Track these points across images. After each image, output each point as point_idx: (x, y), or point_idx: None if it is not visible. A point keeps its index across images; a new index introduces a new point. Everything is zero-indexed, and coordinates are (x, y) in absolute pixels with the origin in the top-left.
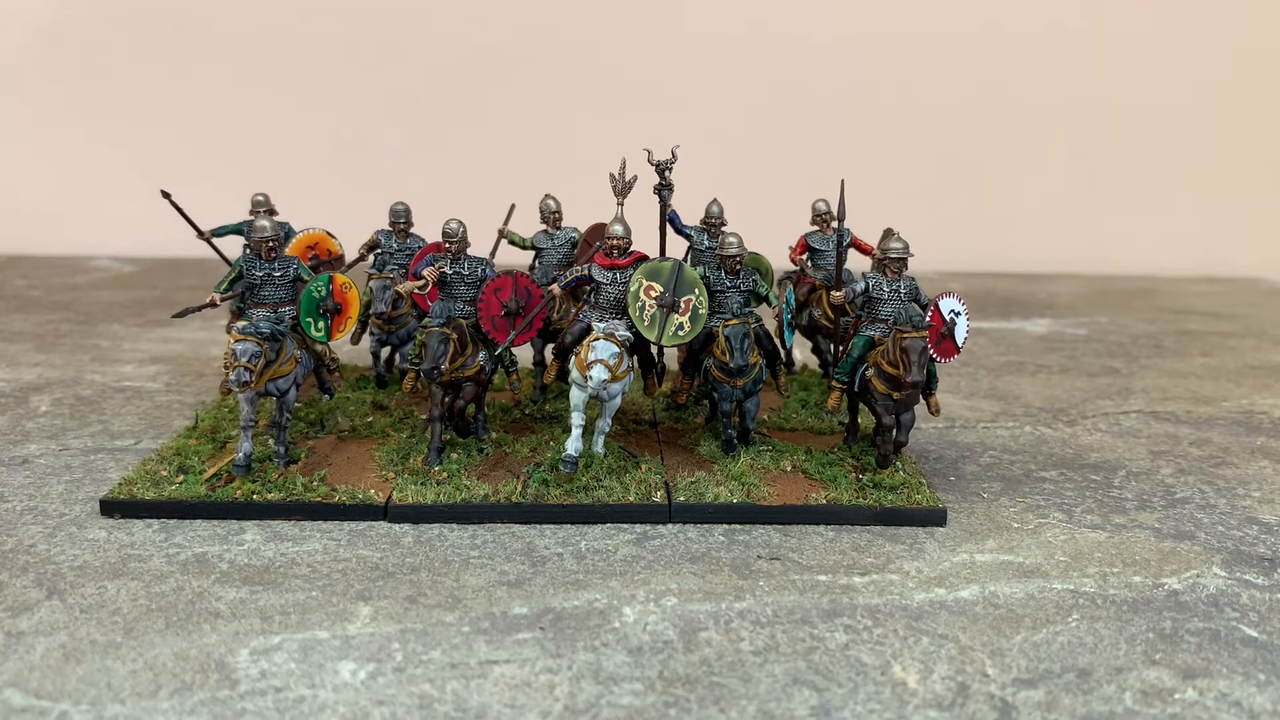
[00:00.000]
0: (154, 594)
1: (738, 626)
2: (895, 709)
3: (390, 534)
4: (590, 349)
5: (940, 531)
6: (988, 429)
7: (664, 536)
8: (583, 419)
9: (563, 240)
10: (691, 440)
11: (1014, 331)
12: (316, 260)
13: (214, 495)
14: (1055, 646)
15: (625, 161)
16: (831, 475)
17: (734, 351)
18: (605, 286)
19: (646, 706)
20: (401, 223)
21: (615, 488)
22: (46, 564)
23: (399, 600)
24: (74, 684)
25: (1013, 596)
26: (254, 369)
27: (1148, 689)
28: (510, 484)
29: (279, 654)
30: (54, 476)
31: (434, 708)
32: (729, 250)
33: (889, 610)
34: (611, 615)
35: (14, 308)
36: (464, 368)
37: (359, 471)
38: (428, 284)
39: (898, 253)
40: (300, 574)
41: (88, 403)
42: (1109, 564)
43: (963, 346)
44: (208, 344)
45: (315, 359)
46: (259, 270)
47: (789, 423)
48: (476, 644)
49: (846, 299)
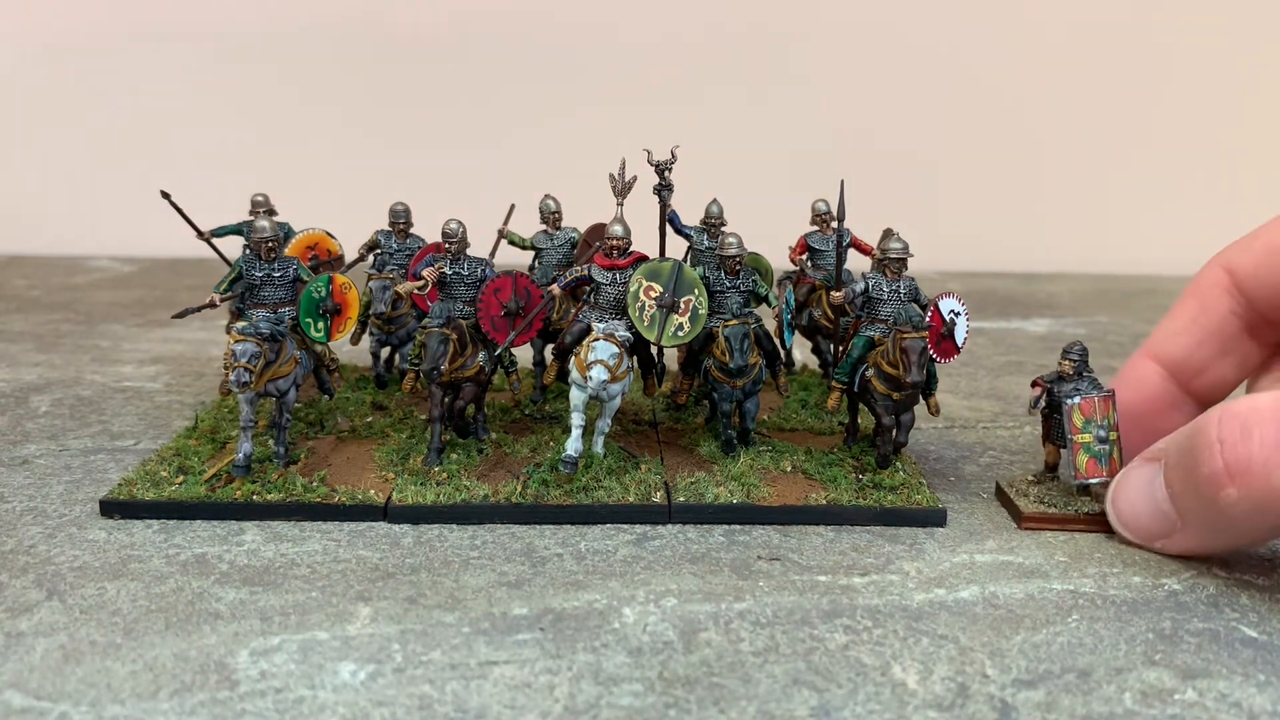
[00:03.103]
0: (154, 595)
1: (738, 627)
2: (895, 709)
3: (390, 534)
4: (590, 349)
5: (940, 532)
6: (988, 429)
7: (664, 537)
8: (583, 419)
9: (562, 240)
10: (691, 440)
11: (1014, 331)
12: (316, 260)
13: (214, 496)
14: (1055, 647)
15: (625, 162)
16: (831, 475)
17: (734, 352)
18: (605, 287)
19: (646, 707)
20: (401, 223)
21: (615, 488)
22: (46, 565)
23: (399, 601)
24: (74, 685)
25: (1012, 597)
26: (254, 369)
27: (1148, 689)
28: (510, 484)
29: (279, 655)
30: (54, 477)
31: (434, 708)
32: (729, 250)
33: (889, 611)
34: (611, 616)
35: (14, 308)
36: (464, 368)
37: (359, 472)
38: (427, 284)
39: (897, 253)
40: (300, 574)
41: (88, 403)
42: (1109, 564)
43: (963, 346)
44: (208, 344)
45: (315, 359)
46: (259, 270)
47: (789, 423)
48: (476, 645)
49: (846, 299)
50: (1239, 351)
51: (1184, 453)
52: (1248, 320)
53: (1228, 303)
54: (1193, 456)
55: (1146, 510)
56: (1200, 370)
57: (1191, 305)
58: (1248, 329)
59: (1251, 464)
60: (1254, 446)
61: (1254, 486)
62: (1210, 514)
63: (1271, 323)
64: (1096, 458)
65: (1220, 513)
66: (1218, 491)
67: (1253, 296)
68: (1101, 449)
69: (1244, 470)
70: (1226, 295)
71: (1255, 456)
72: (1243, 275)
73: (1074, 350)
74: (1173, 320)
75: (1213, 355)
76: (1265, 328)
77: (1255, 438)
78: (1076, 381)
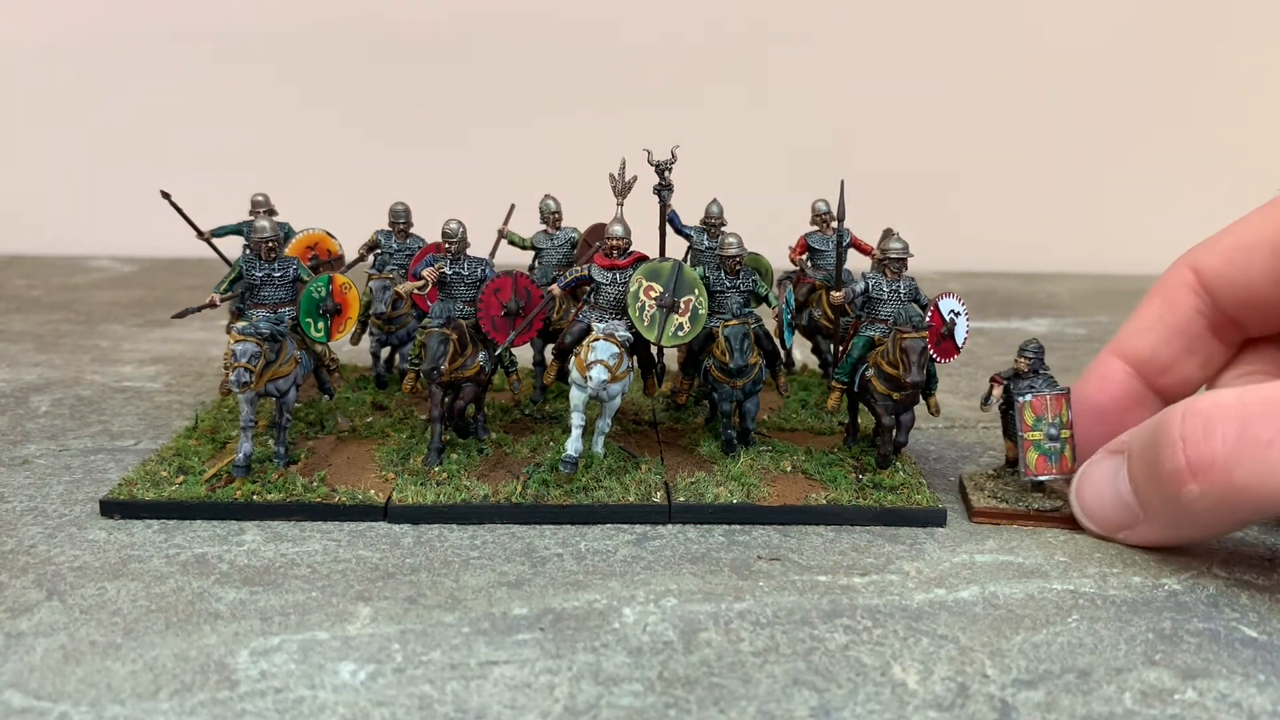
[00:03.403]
0: (154, 595)
1: (738, 627)
2: (895, 710)
3: (390, 534)
4: (590, 349)
5: (940, 532)
6: (988, 429)
7: (664, 537)
8: (583, 419)
9: (562, 240)
10: (691, 440)
11: (1014, 331)
12: (316, 260)
13: (214, 496)
14: (1055, 647)
15: (625, 162)
16: (831, 475)
17: (734, 352)
18: (605, 287)
19: (646, 707)
20: (401, 223)
21: (615, 488)
22: (46, 565)
23: (399, 601)
24: (74, 685)
25: (1012, 597)
26: (254, 369)
27: (1147, 689)
28: (510, 484)
29: (279, 655)
30: (54, 477)
31: (434, 709)
32: (729, 250)
33: (889, 611)
34: (611, 616)
35: (14, 308)
36: (464, 368)
37: (359, 472)
38: (427, 284)
39: (897, 253)
40: (300, 574)
41: (88, 403)
42: (1109, 564)
43: (963, 346)
44: (208, 344)
45: (315, 359)
46: (259, 271)
47: (789, 423)
48: (476, 645)
49: (846, 299)
50: (1204, 350)
51: (1147, 447)
52: (1212, 320)
53: (1194, 301)
54: (1156, 452)
55: (1110, 502)
56: (1166, 368)
57: (1158, 303)
58: (1212, 328)
59: (1214, 461)
60: (1216, 444)
61: (1216, 483)
62: (1172, 509)
63: (1236, 322)
64: (1046, 455)
65: (1182, 508)
66: (1180, 488)
67: (1218, 296)
68: (1052, 446)
69: (1206, 467)
70: (1192, 294)
71: (1218, 454)
72: (1209, 275)
73: (1030, 347)
74: (1139, 318)
75: (1178, 353)
76: (1229, 327)
77: (1218, 435)
78: (1032, 379)
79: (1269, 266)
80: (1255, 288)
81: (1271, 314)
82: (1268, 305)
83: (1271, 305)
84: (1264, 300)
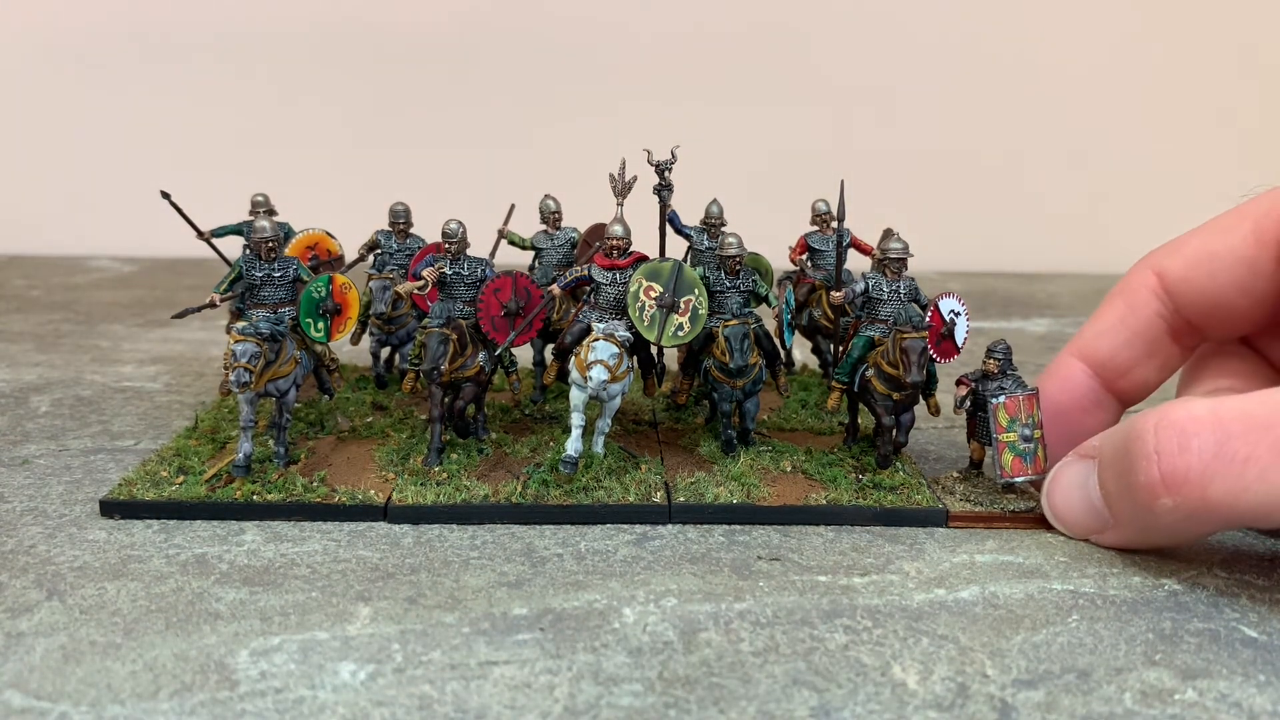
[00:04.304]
0: (154, 595)
1: (738, 627)
2: (895, 710)
3: (390, 534)
4: (590, 349)
5: (940, 532)
6: None
7: (664, 537)
8: (582, 419)
9: (562, 240)
10: (691, 440)
11: (1014, 331)
12: (316, 260)
13: (214, 496)
14: (1055, 647)
15: (625, 162)
16: (831, 475)
17: (734, 352)
18: (605, 287)
19: (646, 707)
20: (401, 223)
21: (615, 488)
22: (46, 565)
23: (399, 601)
24: (74, 685)
25: (1012, 597)
26: (254, 369)
27: (1148, 689)
28: (510, 484)
29: (279, 655)
30: (54, 477)
31: (434, 709)
32: (729, 250)
33: (889, 611)
34: (611, 616)
35: (14, 308)
36: (464, 368)
37: (359, 472)
38: (427, 284)
39: (897, 253)
40: (300, 575)
41: (88, 403)
42: (1109, 564)
43: (963, 346)
44: (208, 344)
45: (315, 359)
46: (259, 271)
47: (789, 423)
48: (476, 645)
49: (846, 299)
50: (1162, 354)
51: (1119, 456)
52: (1172, 324)
53: (1155, 305)
54: (1129, 463)
55: (1080, 507)
56: (1125, 371)
57: (1120, 305)
58: (1171, 332)
59: (1189, 476)
60: (1191, 459)
61: (1189, 497)
62: (1144, 518)
63: (1196, 327)
64: (1021, 456)
65: (1155, 519)
66: (1153, 500)
67: (1180, 301)
68: (1026, 447)
69: (1180, 482)
70: (1154, 298)
71: (1192, 468)
72: (1172, 280)
73: (998, 349)
74: (1100, 320)
75: (1138, 356)
76: (1189, 332)
77: (1193, 449)
78: (1001, 380)
79: (1235, 275)
80: (1220, 295)
81: (1233, 321)
82: (1230, 313)
83: (1234, 313)
84: (1227, 308)
